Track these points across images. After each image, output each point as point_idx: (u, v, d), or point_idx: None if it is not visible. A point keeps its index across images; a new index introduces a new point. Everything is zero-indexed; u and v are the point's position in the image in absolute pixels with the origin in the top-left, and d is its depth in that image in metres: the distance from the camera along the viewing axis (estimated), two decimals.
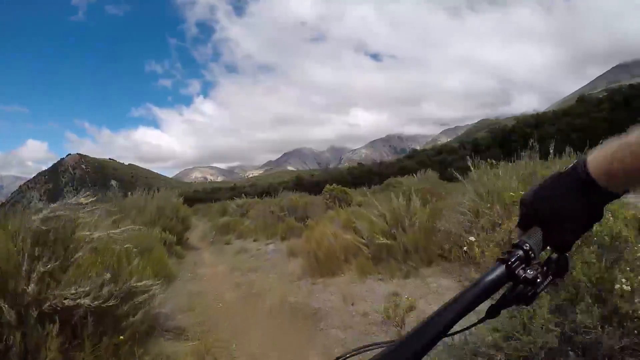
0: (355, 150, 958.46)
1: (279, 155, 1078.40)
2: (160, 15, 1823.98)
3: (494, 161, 6.81)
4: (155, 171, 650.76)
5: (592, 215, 0.72)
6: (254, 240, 12.45)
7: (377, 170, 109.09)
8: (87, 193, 4.18)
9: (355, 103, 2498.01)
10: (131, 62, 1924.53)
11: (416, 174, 19.64)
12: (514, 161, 6.75)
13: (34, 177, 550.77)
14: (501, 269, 0.75)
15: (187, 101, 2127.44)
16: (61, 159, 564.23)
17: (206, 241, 13.85)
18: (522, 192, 1.08)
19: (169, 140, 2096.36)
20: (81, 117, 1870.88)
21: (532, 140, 6.61)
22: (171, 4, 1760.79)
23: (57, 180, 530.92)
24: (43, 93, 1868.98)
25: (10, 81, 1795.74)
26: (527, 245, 0.76)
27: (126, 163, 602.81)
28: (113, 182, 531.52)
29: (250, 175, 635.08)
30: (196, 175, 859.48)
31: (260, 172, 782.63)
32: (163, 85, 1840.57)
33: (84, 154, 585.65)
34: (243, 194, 23.77)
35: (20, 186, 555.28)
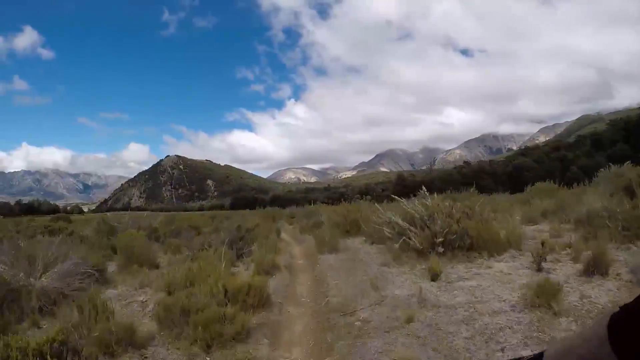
0: (449, 150, 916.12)
1: (372, 157, 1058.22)
2: (246, 24, 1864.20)
3: None
4: (250, 172, 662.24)
5: None
6: None
7: (489, 169, 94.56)
8: None
9: (447, 102, 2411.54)
10: (222, 69, 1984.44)
11: None
12: None
13: (135, 177, 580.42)
14: None
15: (279, 105, 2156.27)
16: (160, 160, 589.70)
17: None
18: None
19: (263, 143, 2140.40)
20: (178, 122, 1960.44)
21: None
22: (256, 13, 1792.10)
23: (156, 179, 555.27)
24: (141, 101, 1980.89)
25: (112, 91, 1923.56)
26: None
27: (222, 164, 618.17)
28: (209, 182, 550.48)
29: (343, 176, 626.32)
30: (290, 176, 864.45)
31: (353, 173, 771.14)
32: (254, 90, 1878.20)
33: (181, 155, 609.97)
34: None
35: (122, 184, 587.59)
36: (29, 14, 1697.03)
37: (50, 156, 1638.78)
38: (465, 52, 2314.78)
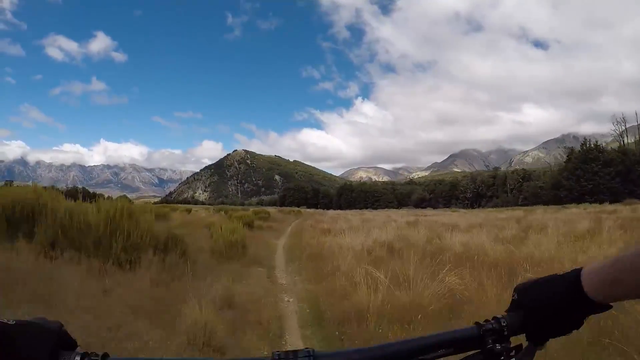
0: (526, 151, 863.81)
1: (445, 157, 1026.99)
2: (308, 23, 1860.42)
3: None
4: (320, 169, 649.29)
5: (573, 322, 0.76)
6: None
7: None
8: None
9: (524, 99, 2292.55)
10: (288, 70, 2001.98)
11: None
12: None
13: (200, 170, 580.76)
14: (473, 331, 0.77)
15: (347, 103, 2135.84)
16: (227, 154, 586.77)
17: None
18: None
19: (334, 141, 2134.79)
20: (248, 120, 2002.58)
21: None
22: (316, 12, 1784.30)
23: (222, 173, 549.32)
24: (213, 101, 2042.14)
25: (184, 92, 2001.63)
26: (505, 321, 0.80)
27: (291, 160, 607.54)
28: (277, 177, 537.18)
29: (416, 176, 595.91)
30: (361, 175, 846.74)
31: (426, 173, 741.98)
32: (322, 89, 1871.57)
33: (249, 150, 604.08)
34: None
35: (187, 178, 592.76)
36: (100, 21, 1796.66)
37: (128, 151, 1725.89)
38: (540, 44, 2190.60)
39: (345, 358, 0.70)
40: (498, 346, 0.77)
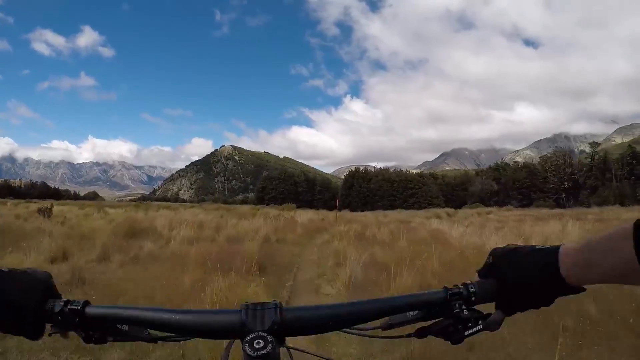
0: (517, 151, 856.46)
1: (436, 156, 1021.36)
2: (296, 21, 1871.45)
3: None
4: (311, 166, 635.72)
5: (545, 299, 0.74)
6: None
7: None
8: None
9: (517, 97, 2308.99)
10: (277, 67, 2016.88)
11: None
12: None
13: (186, 167, 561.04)
14: (441, 294, 0.76)
15: (336, 102, 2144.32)
16: (215, 150, 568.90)
17: None
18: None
19: (325, 139, 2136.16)
20: (238, 118, 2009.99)
21: None
22: (304, 9, 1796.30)
23: (209, 170, 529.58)
24: (203, 98, 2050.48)
25: (174, 89, 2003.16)
26: (474, 288, 0.79)
27: (281, 156, 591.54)
28: (265, 174, 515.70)
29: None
30: None
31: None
32: (310, 87, 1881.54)
33: (237, 146, 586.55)
34: None
35: (172, 174, 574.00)
36: (86, 15, 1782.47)
37: (117, 148, 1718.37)
38: (533, 43, 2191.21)
39: (312, 313, 0.69)
40: (466, 312, 0.76)
